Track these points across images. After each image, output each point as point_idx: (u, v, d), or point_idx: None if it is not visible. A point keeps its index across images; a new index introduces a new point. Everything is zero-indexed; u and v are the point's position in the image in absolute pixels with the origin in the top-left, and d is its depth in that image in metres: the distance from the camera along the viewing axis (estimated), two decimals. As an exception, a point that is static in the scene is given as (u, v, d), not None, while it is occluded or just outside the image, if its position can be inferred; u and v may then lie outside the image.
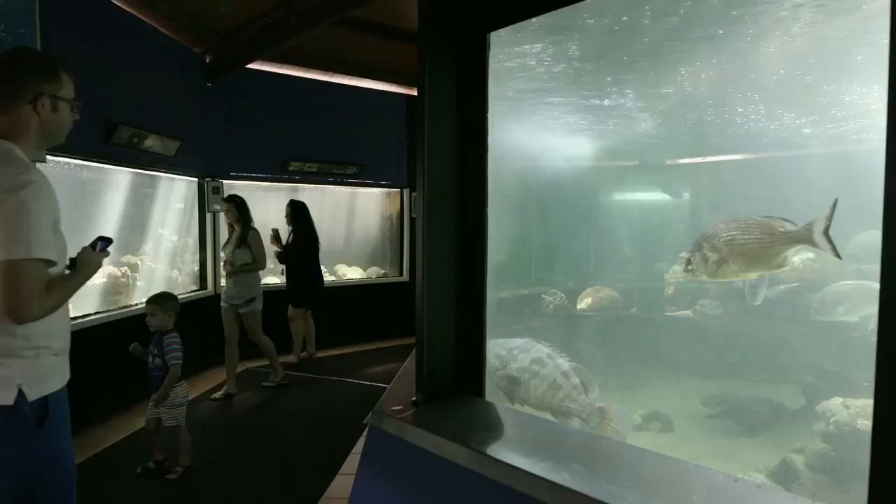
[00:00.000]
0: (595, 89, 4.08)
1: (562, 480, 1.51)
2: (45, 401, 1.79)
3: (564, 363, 2.52)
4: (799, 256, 3.53)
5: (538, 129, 4.58)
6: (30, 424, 1.75)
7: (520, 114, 4.23)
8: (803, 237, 2.13)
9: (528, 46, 3.23)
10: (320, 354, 7.08)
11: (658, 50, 3.45)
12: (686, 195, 5.18)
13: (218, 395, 5.50)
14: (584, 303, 5.25)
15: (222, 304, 5.56)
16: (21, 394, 1.73)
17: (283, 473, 3.88)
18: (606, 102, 4.28)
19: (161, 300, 3.89)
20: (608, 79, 3.85)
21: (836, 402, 2.81)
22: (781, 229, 2.20)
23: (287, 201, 6.59)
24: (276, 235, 6.46)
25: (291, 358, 6.61)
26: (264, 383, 5.87)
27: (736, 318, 4.48)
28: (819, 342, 3.48)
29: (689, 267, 2.45)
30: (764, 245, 2.24)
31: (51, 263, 1.74)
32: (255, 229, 5.58)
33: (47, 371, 1.82)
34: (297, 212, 6.49)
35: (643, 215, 5.40)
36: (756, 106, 3.92)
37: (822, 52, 3.20)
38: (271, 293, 6.25)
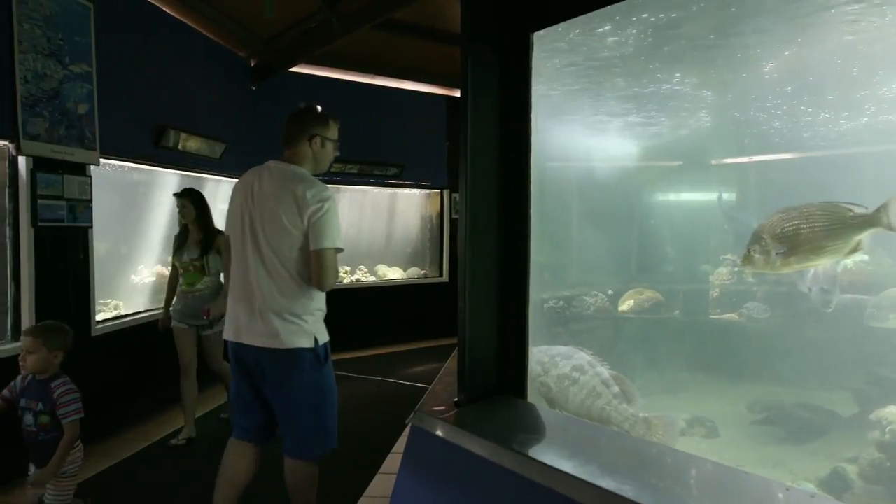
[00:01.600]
0: (639, 88, 4.02)
1: (607, 485, 1.49)
2: (326, 346, 2.62)
3: (604, 371, 2.48)
4: (851, 259, 3.42)
5: (580, 128, 4.54)
6: (322, 361, 2.60)
7: (561, 113, 4.20)
8: (877, 220, 2.02)
9: (569, 41, 3.19)
10: (360, 354, 7.14)
11: (704, 47, 3.38)
12: (733, 196, 5.06)
13: (177, 440, 4.31)
14: (625, 305, 5.18)
15: (176, 324, 4.30)
16: (315, 340, 2.55)
17: (322, 472, 3.91)
18: (650, 102, 4.21)
19: (46, 333, 2.66)
20: (658, 76, 3.78)
21: (893, 410, 2.71)
22: (850, 214, 2.09)
23: None
24: None
25: None
26: (222, 415, 4.84)
27: (784, 322, 4.36)
28: (873, 347, 3.36)
29: (749, 261, 2.34)
30: (832, 232, 2.13)
31: (340, 251, 2.56)
32: (221, 231, 4.25)
33: (321, 327, 2.62)
34: None
35: (687, 216, 5.30)
36: (807, 104, 3.80)
37: (878, 48, 3.09)
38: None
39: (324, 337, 2.60)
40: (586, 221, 4.97)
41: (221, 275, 4.25)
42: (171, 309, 4.38)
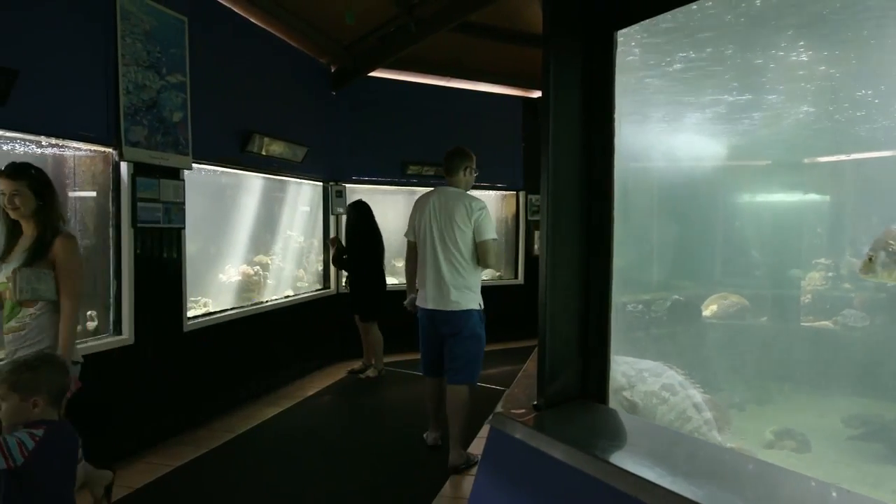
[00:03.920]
0: (725, 82, 3.85)
1: (695, 496, 1.44)
2: (484, 311, 3.94)
3: (697, 394, 2.36)
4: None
5: (662, 127, 4.40)
6: (483, 318, 3.94)
7: (642, 111, 4.09)
8: None
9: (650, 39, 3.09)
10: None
11: (796, 36, 3.20)
12: (826, 196, 4.79)
13: None
14: (708, 310, 5.00)
15: None
16: (479, 304, 3.89)
17: (398, 470, 3.97)
18: (736, 96, 4.03)
19: (12, 374, 2.06)
20: (738, 65, 3.61)
21: None
22: None
23: (409, 203, 6.49)
24: (337, 248, 6.28)
25: (370, 372, 6.29)
26: None
27: (885, 331, 4.10)
28: None
29: (870, 268, 2.15)
30: None
31: (496, 240, 3.89)
32: (69, 234, 2.85)
33: (480, 296, 3.93)
34: (357, 213, 6.15)
35: (776, 218, 5.05)
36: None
37: None
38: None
39: (480, 303, 3.92)
40: (668, 223, 4.83)
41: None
42: None
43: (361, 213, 6.14)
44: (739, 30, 3.07)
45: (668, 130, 4.45)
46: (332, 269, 6.96)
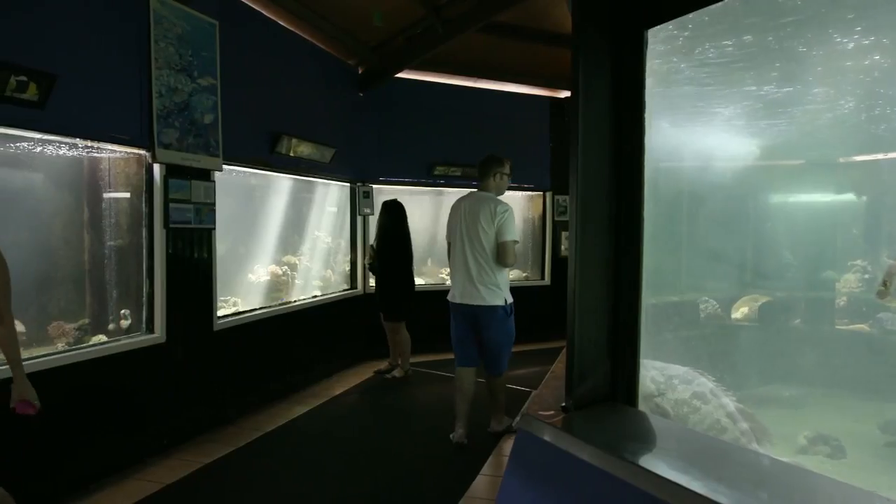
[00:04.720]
0: (757, 76, 3.75)
1: (727, 500, 1.41)
2: (511, 305, 4.23)
3: (730, 403, 2.30)
4: None
5: (691, 125, 4.33)
6: (510, 314, 4.22)
7: (671, 109, 4.02)
8: None
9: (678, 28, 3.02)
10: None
11: (837, 28, 3.10)
12: (863, 196, 4.67)
13: None
14: (739, 312, 4.92)
15: None
16: (504, 300, 4.17)
17: (425, 470, 3.98)
18: (776, 89, 3.92)
19: None
20: (776, 64, 3.50)
21: None
22: None
23: (436, 204, 6.50)
24: (370, 255, 6.30)
25: (397, 372, 6.32)
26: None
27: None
28: None
29: (883, 296, 2.14)
30: None
31: (516, 242, 4.20)
32: None
33: (508, 293, 4.23)
34: (388, 213, 6.15)
35: (809, 219, 4.94)
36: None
37: None
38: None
39: (510, 299, 4.22)
40: (698, 224, 4.76)
41: None
42: None
43: (393, 212, 6.15)
44: (787, 14, 2.96)
45: (698, 127, 4.37)
46: (359, 269, 7.01)
